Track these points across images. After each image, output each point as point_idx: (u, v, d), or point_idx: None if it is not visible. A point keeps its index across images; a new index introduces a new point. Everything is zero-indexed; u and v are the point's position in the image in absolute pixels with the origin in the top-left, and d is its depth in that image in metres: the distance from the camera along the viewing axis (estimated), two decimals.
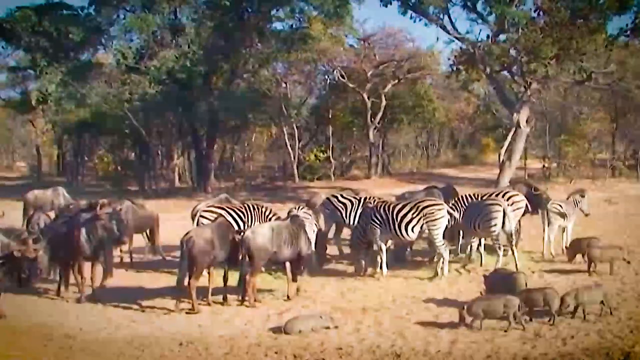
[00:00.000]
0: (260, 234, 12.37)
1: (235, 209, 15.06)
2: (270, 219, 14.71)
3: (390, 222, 14.00)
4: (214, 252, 12.04)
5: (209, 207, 15.31)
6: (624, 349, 9.21)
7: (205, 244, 11.94)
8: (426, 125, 43.04)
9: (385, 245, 14.37)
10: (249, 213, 14.93)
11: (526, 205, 15.52)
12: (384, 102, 36.74)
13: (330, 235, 16.46)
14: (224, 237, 12.37)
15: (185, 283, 11.99)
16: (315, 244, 14.65)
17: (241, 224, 14.64)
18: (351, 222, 15.90)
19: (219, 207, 15.16)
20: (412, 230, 13.93)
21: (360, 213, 15.00)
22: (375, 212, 14.31)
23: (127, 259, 16.30)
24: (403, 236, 14.10)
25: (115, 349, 10.13)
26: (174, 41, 31.29)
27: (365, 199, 16.50)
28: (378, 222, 14.13)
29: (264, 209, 15.13)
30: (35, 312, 12.19)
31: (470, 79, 32.51)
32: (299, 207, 15.13)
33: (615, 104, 36.68)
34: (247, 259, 12.23)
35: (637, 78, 31.64)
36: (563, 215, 15.62)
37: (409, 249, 15.98)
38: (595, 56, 26.50)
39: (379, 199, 16.51)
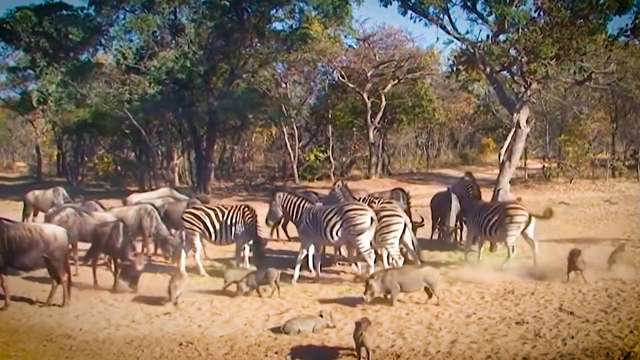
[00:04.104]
0: None
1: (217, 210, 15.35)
2: (249, 220, 14.94)
3: (318, 225, 13.97)
4: None
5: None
6: (624, 349, 9.20)
7: None
8: (426, 126, 43.12)
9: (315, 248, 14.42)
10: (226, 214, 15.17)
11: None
12: (383, 102, 36.78)
13: None
14: None
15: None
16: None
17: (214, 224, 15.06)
18: None
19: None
20: (337, 234, 13.78)
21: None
22: (308, 215, 14.26)
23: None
24: (328, 240, 13.98)
25: (115, 349, 10.13)
26: (173, 41, 31.31)
27: (364, 199, 16.54)
28: (310, 225, 14.14)
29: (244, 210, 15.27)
30: (35, 312, 12.19)
31: (470, 79, 32.53)
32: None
33: (615, 104, 36.72)
34: None
35: (637, 78, 31.66)
36: None
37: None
38: (595, 56, 26.45)
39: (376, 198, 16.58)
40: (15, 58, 38.97)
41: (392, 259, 13.87)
